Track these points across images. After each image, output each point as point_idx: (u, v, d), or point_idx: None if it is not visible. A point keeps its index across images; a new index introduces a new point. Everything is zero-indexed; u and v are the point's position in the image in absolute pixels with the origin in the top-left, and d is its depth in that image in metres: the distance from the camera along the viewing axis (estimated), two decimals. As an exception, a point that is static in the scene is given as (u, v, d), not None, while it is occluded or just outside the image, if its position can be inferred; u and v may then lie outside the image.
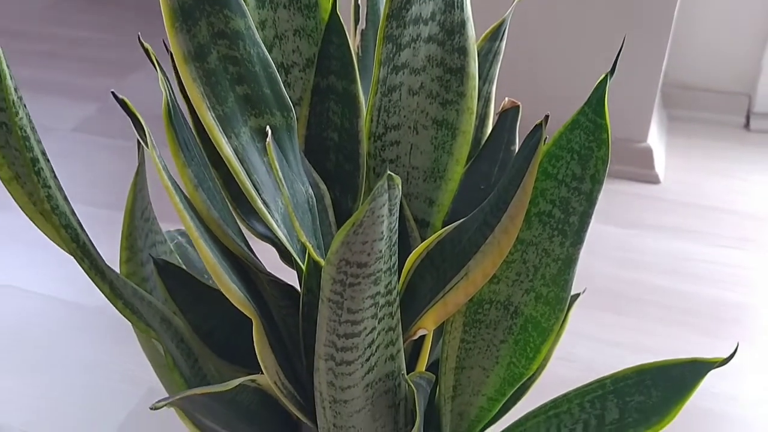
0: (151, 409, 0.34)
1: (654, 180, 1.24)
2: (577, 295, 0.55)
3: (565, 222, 0.41)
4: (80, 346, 1.00)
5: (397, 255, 0.39)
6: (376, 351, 0.42)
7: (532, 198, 0.42)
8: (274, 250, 0.51)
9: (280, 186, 0.37)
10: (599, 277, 1.03)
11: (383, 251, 0.36)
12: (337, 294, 0.37)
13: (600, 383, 0.45)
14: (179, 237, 0.64)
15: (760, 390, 0.89)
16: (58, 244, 0.45)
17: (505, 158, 0.54)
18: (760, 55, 1.35)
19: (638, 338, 0.94)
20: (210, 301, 0.52)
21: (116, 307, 0.44)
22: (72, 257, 0.45)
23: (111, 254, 0.54)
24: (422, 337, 0.51)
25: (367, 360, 0.42)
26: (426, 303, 0.46)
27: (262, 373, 0.44)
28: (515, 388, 0.48)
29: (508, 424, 0.53)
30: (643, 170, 1.25)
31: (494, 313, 0.45)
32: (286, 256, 0.52)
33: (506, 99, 0.55)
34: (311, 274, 0.43)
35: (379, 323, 0.40)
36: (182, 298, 0.51)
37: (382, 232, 0.34)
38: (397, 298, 0.41)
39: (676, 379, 0.40)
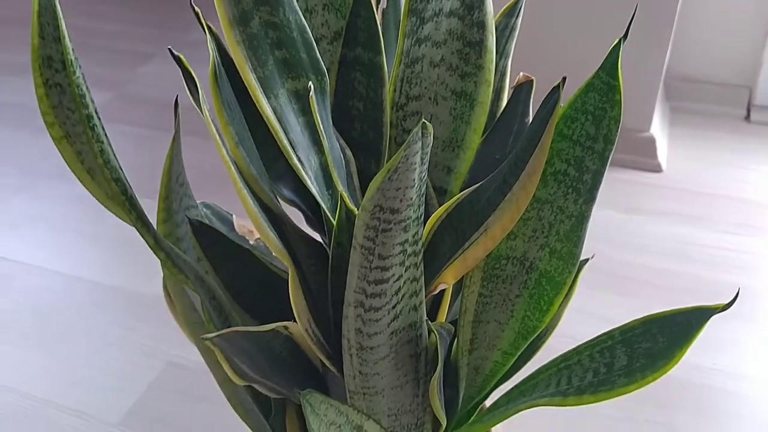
0: (202, 339, 0.37)
1: (656, 168, 1.27)
2: (587, 260, 0.59)
3: (579, 180, 0.44)
4: (99, 322, 1.03)
5: (424, 207, 0.42)
6: (401, 299, 0.45)
7: (548, 158, 0.45)
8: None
9: (320, 136, 0.40)
10: (604, 259, 1.06)
11: (414, 199, 0.39)
12: (369, 240, 0.40)
13: (609, 335, 0.48)
14: (204, 209, 0.68)
15: (761, 367, 0.92)
16: (102, 202, 0.49)
17: (519, 129, 0.57)
18: (760, 49, 1.38)
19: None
20: (241, 261, 0.55)
21: (159, 258, 0.47)
22: (90, 235, 0.48)
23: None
24: (441, 295, 0.54)
25: (394, 307, 0.45)
26: (446, 261, 0.49)
27: (294, 321, 0.47)
28: (528, 342, 0.51)
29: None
30: (645, 159, 1.28)
31: (511, 269, 0.49)
32: (312, 220, 0.55)
33: (521, 74, 0.58)
34: (342, 228, 0.46)
35: (405, 272, 0.43)
36: (215, 257, 0.55)
37: (414, 180, 0.37)
38: (422, 250, 0.44)
39: (681, 325, 0.43)
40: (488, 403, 0.61)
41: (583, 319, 0.97)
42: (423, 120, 0.34)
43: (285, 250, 0.43)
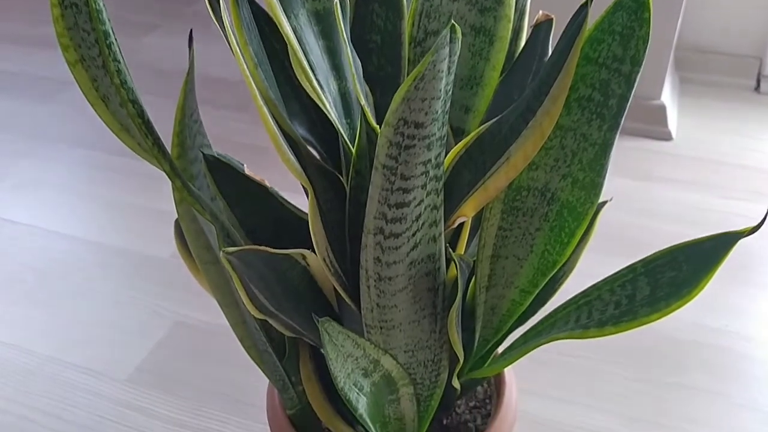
0: (222, 252, 0.36)
1: (666, 137, 1.27)
2: (605, 202, 0.58)
3: (603, 105, 0.43)
4: (106, 283, 1.02)
5: (447, 128, 0.41)
6: (421, 227, 0.44)
7: (572, 84, 0.44)
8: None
9: (345, 45, 0.40)
10: (612, 224, 1.05)
11: (438, 113, 0.38)
12: (392, 159, 0.39)
13: (630, 268, 0.48)
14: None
15: (772, 330, 0.92)
16: (117, 133, 0.48)
17: (538, 69, 0.56)
18: (772, 19, 1.37)
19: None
20: (256, 198, 0.54)
21: (174, 186, 0.47)
22: (95, 198, 0.47)
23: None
24: (459, 232, 0.54)
25: (413, 235, 0.44)
26: (465, 195, 0.49)
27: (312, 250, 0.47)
28: (547, 279, 0.51)
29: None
30: (656, 127, 1.27)
31: (531, 201, 0.48)
32: (327, 160, 0.54)
33: (540, 12, 0.57)
34: (362, 154, 0.45)
35: (426, 197, 0.43)
36: (229, 193, 0.54)
37: (440, 91, 0.36)
38: (443, 176, 0.43)
39: (708, 251, 0.42)
40: (502, 350, 0.60)
41: (594, 282, 0.97)
42: (452, 21, 0.33)
43: (304, 172, 0.43)
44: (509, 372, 0.64)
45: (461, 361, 0.51)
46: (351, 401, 0.46)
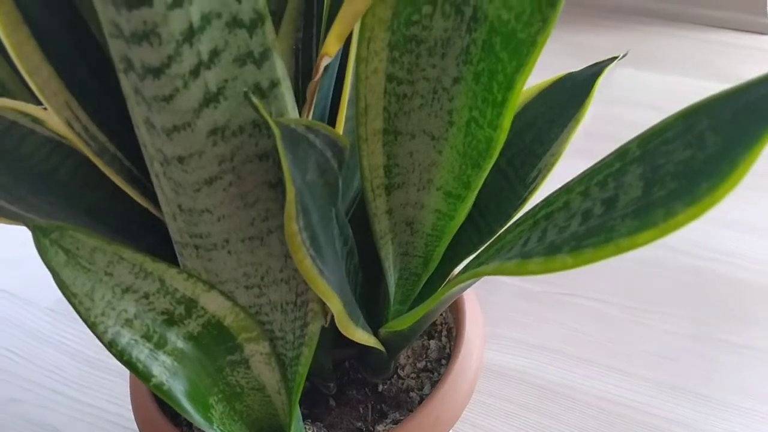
0: None
1: (764, 30, 0.99)
2: (614, 58, 0.36)
3: None
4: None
5: None
6: (212, 57, 0.24)
7: None
8: None
9: None
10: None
11: None
12: None
13: (621, 152, 0.26)
14: None
15: None
16: None
17: None
18: None
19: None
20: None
21: None
22: None
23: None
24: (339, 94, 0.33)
25: (195, 73, 0.24)
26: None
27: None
28: (483, 173, 0.30)
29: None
30: (751, 17, 0.99)
31: (440, 23, 0.26)
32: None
33: None
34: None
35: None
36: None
37: None
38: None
39: (757, 105, 0.20)
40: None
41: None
42: None
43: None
44: (473, 322, 0.44)
45: (336, 301, 0.31)
46: (134, 363, 0.28)
